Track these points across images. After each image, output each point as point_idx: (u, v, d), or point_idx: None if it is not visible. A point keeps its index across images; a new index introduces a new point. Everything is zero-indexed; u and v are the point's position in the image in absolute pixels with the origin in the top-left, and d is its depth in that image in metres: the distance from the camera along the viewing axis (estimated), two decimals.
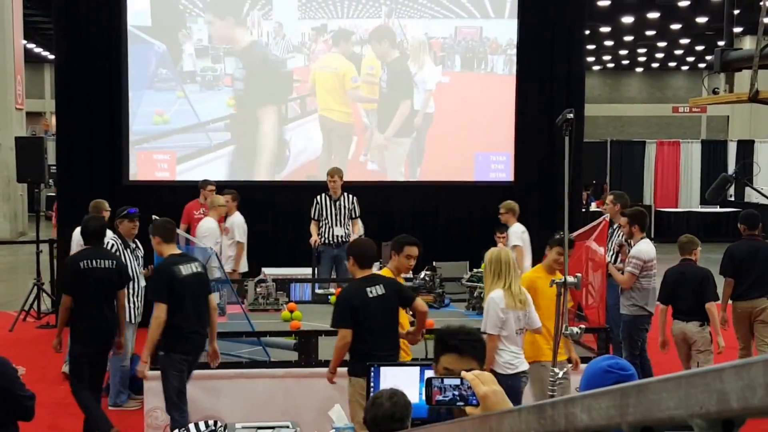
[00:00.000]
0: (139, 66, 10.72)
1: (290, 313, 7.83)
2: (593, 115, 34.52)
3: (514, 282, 5.47)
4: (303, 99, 11.23)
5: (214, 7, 10.92)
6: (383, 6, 11.25)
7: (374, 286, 5.36)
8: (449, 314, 8.25)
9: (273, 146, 11.16)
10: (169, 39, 10.80)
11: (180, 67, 10.86)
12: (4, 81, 19.69)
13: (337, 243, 9.62)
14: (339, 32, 11.15)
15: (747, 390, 0.97)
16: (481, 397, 1.96)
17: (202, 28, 10.90)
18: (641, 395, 1.16)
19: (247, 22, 10.98)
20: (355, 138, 11.30)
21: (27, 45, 28.05)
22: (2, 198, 19.65)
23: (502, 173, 11.56)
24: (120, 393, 7.30)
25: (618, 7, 24.91)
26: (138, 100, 10.73)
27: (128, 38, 10.67)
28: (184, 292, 5.80)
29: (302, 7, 11.07)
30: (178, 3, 10.80)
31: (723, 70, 6.01)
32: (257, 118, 11.09)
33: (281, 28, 11.04)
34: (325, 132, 11.24)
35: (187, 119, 10.84)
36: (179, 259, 5.95)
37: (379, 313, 5.32)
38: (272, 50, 11.06)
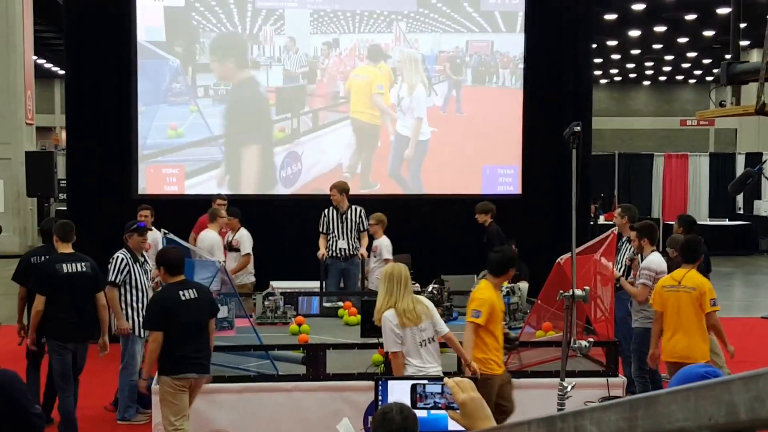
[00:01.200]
0: (153, 80, 10.82)
1: (298, 326, 7.82)
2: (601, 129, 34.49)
3: (401, 300, 5.34)
4: (315, 113, 11.32)
5: (225, 23, 11.00)
6: (394, 21, 11.31)
7: (187, 290, 5.73)
8: (457, 327, 8.21)
9: (284, 160, 11.21)
10: (182, 54, 10.91)
11: (193, 81, 10.94)
12: (14, 96, 19.81)
13: (344, 256, 9.62)
14: (355, 46, 11.27)
15: (755, 401, 0.97)
16: (460, 404, 2.07)
17: (214, 43, 11.00)
18: (650, 407, 1.16)
19: (260, 37, 11.07)
20: (374, 149, 11.43)
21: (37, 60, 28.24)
22: (12, 212, 19.73)
23: (510, 186, 11.57)
24: (128, 407, 7.31)
25: (625, 20, 24.94)
26: (152, 113, 10.82)
27: (143, 53, 10.76)
28: (62, 287, 6.57)
29: (314, 22, 11.15)
30: (191, 18, 10.89)
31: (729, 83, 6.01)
32: (269, 132, 11.14)
33: (293, 42, 11.12)
34: (347, 140, 11.35)
35: (200, 133, 10.92)
36: (66, 258, 6.69)
37: (190, 316, 5.67)
38: (285, 65, 11.13)
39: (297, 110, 11.21)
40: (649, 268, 7.21)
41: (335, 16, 11.21)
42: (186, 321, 5.64)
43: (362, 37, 11.27)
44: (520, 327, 7.55)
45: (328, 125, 11.30)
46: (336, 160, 11.33)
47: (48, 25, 25.92)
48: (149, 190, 10.92)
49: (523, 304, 8.36)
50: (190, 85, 10.95)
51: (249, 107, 11.17)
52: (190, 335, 5.67)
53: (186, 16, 10.91)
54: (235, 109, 11.07)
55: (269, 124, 11.19)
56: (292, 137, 11.22)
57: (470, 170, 11.49)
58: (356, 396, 6.06)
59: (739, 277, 19.11)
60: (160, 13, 10.80)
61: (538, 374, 6.45)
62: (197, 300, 5.72)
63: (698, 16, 24.24)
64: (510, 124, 11.49)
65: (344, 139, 11.36)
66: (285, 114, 11.18)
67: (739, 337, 11.54)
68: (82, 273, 6.71)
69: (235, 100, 11.07)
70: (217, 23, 10.97)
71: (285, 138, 11.20)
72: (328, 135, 11.29)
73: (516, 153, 11.52)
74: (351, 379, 6.24)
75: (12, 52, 19.73)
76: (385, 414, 3.29)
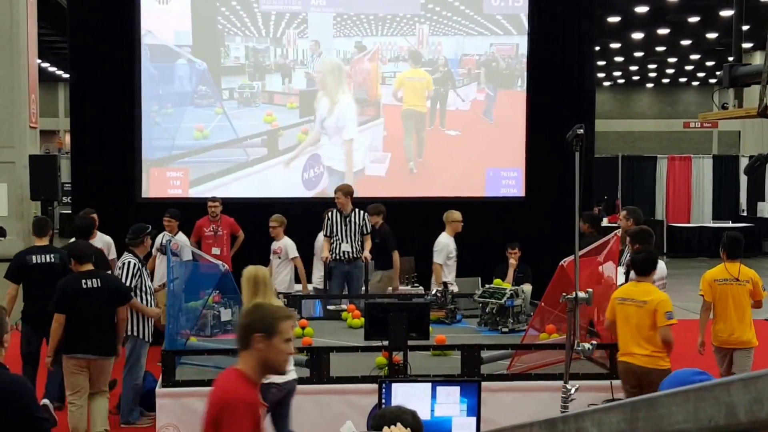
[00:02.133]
0: (181, 83, 10.98)
1: (302, 329, 7.82)
2: (604, 131, 34.47)
3: (265, 299, 5.47)
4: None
5: (250, 26, 11.11)
6: (417, 23, 11.38)
7: (90, 279, 6.48)
8: (461, 330, 8.23)
9: (307, 162, 11.28)
10: (208, 57, 11.03)
11: (219, 84, 11.06)
12: (18, 100, 19.79)
13: (348, 259, 9.63)
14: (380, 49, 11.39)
15: (755, 403, 0.98)
16: None
17: (239, 46, 11.11)
18: (651, 409, 1.17)
19: (283, 40, 11.16)
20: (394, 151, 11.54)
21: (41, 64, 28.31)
22: (16, 216, 19.70)
23: (514, 189, 11.58)
24: (132, 411, 7.31)
25: (628, 23, 24.93)
26: (180, 115, 10.96)
27: (171, 56, 10.94)
28: (30, 277, 7.43)
29: (337, 26, 11.23)
30: (216, 23, 11.01)
31: (732, 85, 6.02)
32: (293, 134, 11.23)
33: (317, 46, 11.20)
34: (369, 143, 11.47)
35: (226, 135, 11.03)
36: (36, 250, 7.66)
37: (89, 302, 6.44)
38: (308, 68, 11.22)
39: (321, 113, 11.29)
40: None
41: (358, 19, 11.29)
42: (85, 306, 6.43)
43: (385, 40, 11.34)
44: (524, 329, 7.55)
45: (346, 128, 11.37)
46: (358, 164, 11.40)
47: (52, 29, 25.98)
48: (153, 194, 10.95)
49: (526, 306, 8.37)
50: (215, 87, 11.07)
51: (272, 110, 11.24)
52: (89, 320, 6.42)
53: (212, 20, 11.03)
54: (258, 111, 11.17)
55: (293, 127, 11.26)
56: (314, 140, 11.27)
57: (474, 173, 11.50)
58: (360, 399, 6.07)
59: None
60: (188, 18, 10.95)
61: (541, 377, 6.46)
62: (99, 288, 6.47)
63: (701, 18, 24.24)
64: (513, 126, 11.50)
65: (367, 141, 11.43)
66: (308, 116, 11.26)
67: None
68: (51, 264, 7.47)
69: (259, 102, 11.18)
70: (241, 27, 11.10)
71: (308, 141, 11.26)
72: (351, 138, 11.37)
73: (519, 156, 11.53)
74: (354, 382, 6.25)
75: (16, 55, 19.72)
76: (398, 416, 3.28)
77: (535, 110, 11.44)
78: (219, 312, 7.97)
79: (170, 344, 6.66)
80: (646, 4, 22.72)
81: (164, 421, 6.22)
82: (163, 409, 6.22)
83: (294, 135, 11.23)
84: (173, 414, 6.18)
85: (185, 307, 7.39)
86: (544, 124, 11.31)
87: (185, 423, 6.13)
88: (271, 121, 11.15)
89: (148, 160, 10.94)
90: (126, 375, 7.28)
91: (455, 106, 11.53)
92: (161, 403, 6.22)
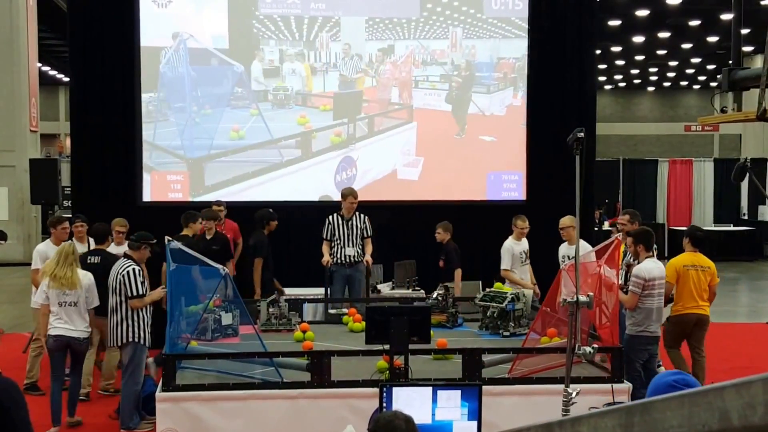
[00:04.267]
0: (218, 85, 11.12)
1: (303, 333, 7.82)
2: (605, 134, 34.50)
3: (61, 269, 7.33)
4: (371, 119, 11.46)
5: (284, 30, 11.23)
6: (450, 26, 11.44)
7: (94, 256, 7.50)
8: (462, 334, 8.24)
9: (340, 164, 11.37)
10: (244, 60, 11.16)
11: (254, 86, 11.19)
12: (19, 103, 19.88)
13: (349, 263, 9.64)
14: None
15: (747, 408, 0.98)
16: None
17: (273, 49, 11.23)
18: (646, 414, 1.17)
19: (316, 43, 11.26)
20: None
21: (42, 68, 28.35)
22: (16, 219, 19.77)
23: (515, 192, 11.59)
24: (132, 416, 7.31)
25: (629, 26, 24.97)
26: (218, 116, 11.09)
27: (210, 59, 11.07)
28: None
29: (369, 29, 11.31)
30: (251, 27, 11.13)
31: (731, 89, 6.03)
32: (326, 137, 11.32)
33: (350, 49, 11.28)
34: (401, 146, 11.59)
35: (261, 136, 11.15)
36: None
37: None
38: (341, 70, 11.30)
39: (353, 115, 11.38)
40: (638, 276, 7.21)
41: (390, 22, 11.35)
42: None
43: (418, 43, 11.39)
44: (525, 333, 7.55)
45: (383, 131, 11.46)
46: (390, 166, 11.44)
47: (53, 33, 26.04)
48: (154, 198, 10.97)
49: (527, 310, 8.36)
50: (250, 89, 11.20)
51: (305, 112, 11.33)
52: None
53: (248, 24, 11.16)
54: (292, 113, 11.28)
55: (326, 129, 11.34)
56: (347, 142, 11.36)
57: (475, 177, 11.51)
58: (361, 403, 6.04)
59: (744, 282, 19.10)
60: (225, 22, 11.10)
61: (542, 380, 6.45)
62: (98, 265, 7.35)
63: (702, 22, 24.27)
64: (514, 130, 11.52)
65: (398, 145, 11.50)
66: (341, 119, 11.35)
67: (743, 343, 11.55)
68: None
69: (292, 104, 11.29)
70: (275, 30, 11.21)
71: (341, 143, 11.34)
72: (383, 141, 11.44)
73: (521, 159, 11.54)
74: (356, 386, 6.23)
75: (16, 59, 19.82)
76: (390, 422, 3.29)
77: (536, 114, 11.44)
78: (220, 316, 7.98)
79: (171, 348, 6.66)
80: (646, 8, 22.75)
81: (164, 425, 6.22)
82: (164, 414, 6.21)
83: (327, 137, 11.34)
84: (173, 418, 6.17)
85: (186, 311, 7.40)
86: (545, 128, 11.31)
87: (185, 427, 6.14)
88: (304, 123, 11.29)
89: (189, 158, 11.06)
90: (127, 380, 7.29)
91: (490, 111, 11.60)
92: (161, 408, 6.21)
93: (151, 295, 7.51)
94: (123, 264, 7.33)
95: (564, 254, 8.95)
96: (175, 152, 11.00)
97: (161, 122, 10.96)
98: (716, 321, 13.11)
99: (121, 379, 7.38)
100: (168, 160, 11.03)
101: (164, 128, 10.97)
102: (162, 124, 10.97)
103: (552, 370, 6.55)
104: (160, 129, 10.97)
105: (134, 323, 7.25)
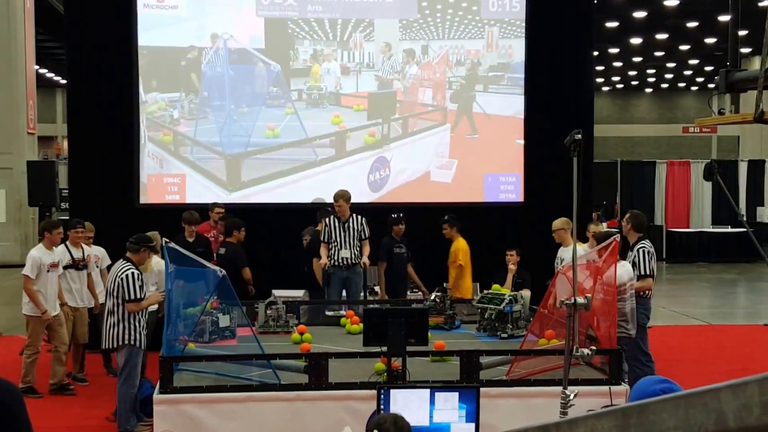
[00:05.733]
0: (255, 83, 11.25)
1: (300, 335, 7.83)
2: (603, 136, 34.57)
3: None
4: (405, 120, 11.51)
5: (317, 30, 11.31)
6: (486, 26, 11.48)
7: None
8: (460, 336, 8.25)
9: (373, 164, 11.42)
10: (280, 60, 11.26)
11: (289, 85, 11.29)
12: (16, 106, 19.89)
13: (346, 265, 9.64)
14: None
15: (743, 409, 0.99)
16: None
17: (307, 49, 11.33)
18: (642, 415, 1.17)
19: (350, 44, 11.32)
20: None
21: (39, 70, 28.35)
22: (14, 221, 19.78)
23: (512, 194, 11.60)
24: (129, 418, 7.31)
25: (627, 28, 25.02)
26: (255, 115, 11.20)
27: (247, 59, 11.18)
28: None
29: (403, 29, 11.37)
30: (287, 27, 11.23)
31: (728, 90, 6.04)
32: (359, 136, 11.39)
33: (389, 48, 11.37)
34: (435, 148, 11.60)
35: (296, 134, 11.24)
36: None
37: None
38: (375, 71, 11.39)
39: (387, 116, 11.43)
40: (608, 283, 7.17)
41: (425, 22, 11.40)
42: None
43: (452, 43, 11.44)
44: (523, 335, 7.56)
45: (417, 132, 11.51)
46: (424, 168, 11.48)
47: (50, 36, 26.07)
48: (151, 200, 10.99)
49: (525, 312, 8.37)
50: (286, 88, 11.30)
51: (339, 111, 11.38)
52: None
53: (283, 24, 11.25)
54: (326, 113, 11.35)
55: (360, 129, 11.40)
56: (381, 142, 11.41)
57: (472, 179, 11.52)
58: (358, 405, 6.06)
59: (742, 284, 19.13)
60: (261, 24, 11.20)
61: (540, 382, 6.45)
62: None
63: (700, 23, 24.33)
64: (512, 132, 11.53)
65: (432, 147, 11.53)
66: (376, 119, 11.41)
67: (741, 344, 11.56)
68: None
69: (326, 104, 11.36)
70: (309, 31, 11.30)
71: (375, 143, 11.40)
72: (416, 142, 11.49)
73: (518, 161, 11.55)
74: (353, 388, 6.24)
75: (13, 61, 19.83)
76: (380, 425, 3.30)
77: (534, 115, 11.45)
78: (217, 318, 7.98)
79: (168, 350, 6.66)
80: (644, 9, 22.79)
81: (162, 427, 6.21)
82: (161, 416, 6.20)
83: (361, 137, 11.41)
84: (171, 420, 6.17)
85: (183, 314, 7.39)
86: (543, 130, 11.31)
87: (183, 429, 6.13)
88: (338, 122, 11.36)
89: (227, 155, 11.14)
90: (123, 383, 7.28)
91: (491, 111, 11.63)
92: (159, 410, 6.20)
93: (149, 299, 7.53)
94: (122, 267, 7.33)
95: (559, 256, 8.94)
96: (214, 148, 11.14)
97: (201, 120, 11.12)
98: (715, 323, 13.19)
99: (117, 381, 7.37)
100: (207, 155, 11.14)
101: (204, 125, 11.14)
102: (202, 121, 11.13)
103: (550, 372, 6.56)
104: (201, 126, 11.14)
105: (130, 326, 7.26)
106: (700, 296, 16.73)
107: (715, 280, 18.95)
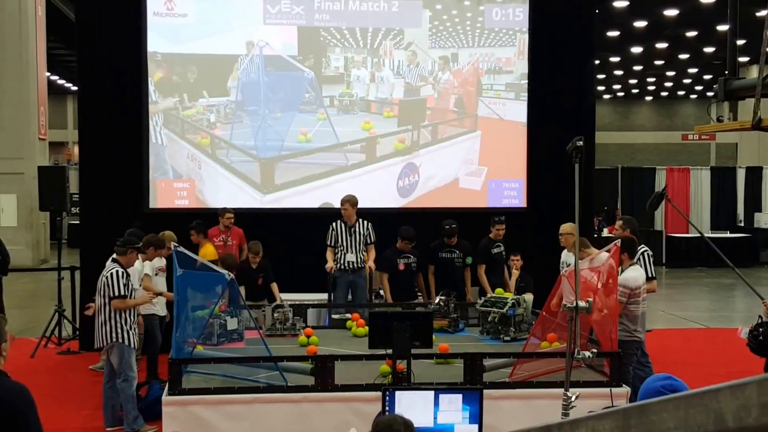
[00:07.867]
0: (289, 89, 11.38)
1: (307, 338, 7.90)
2: (604, 143, 34.57)
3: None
4: (435, 126, 11.60)
5: (348, 38, 11.42)
6: (517, 34, 11.58)
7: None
8: (464, 339, 8.32)
9: (403, 170, 11.54)
10: (312, 66, 11.40)
11: (321, 91, 11.41)
12: (27, 112, 19.98)
13: (352, 269, 9.73)
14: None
15: (742, 410, 1.05)
16: None
17: (338, 56, 11.44)
18: (643, 416, 1.24)
19: (380, 51, 11.43)
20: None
21: (50, 77, 28.43)
22: (25, 226, 19.86)
23: (515, 200, 11.69)
24: (136, 417, 7.36)
25: (627, 37, 25.07)
26: (288, 120, 11.34)
27: (282, 65, 11.29)
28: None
29: (432, 37, 11.48)
30: (318, 35, 11.36)
31: (727, 98, 6.11)
32: (389, 142, 11.49)
33: (414, 56, 11.47)
34: (464, 155, 11.72)
35: (328, 140, 11.37)
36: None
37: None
38: (405, 78, 11.50)
39: (417, 123, 11.52)
40: (624, 285, 7.25)
41: (454, 30, 11.50)
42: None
43: (482, 51, 11.55)
44: (525, 338, 7.63)
45: (446, 139, 11.59)
46: (453, 174, 11.57)
47: (61, 43, 26.11)
48: (160, 204, 11.06)
49: (528, 315, 8.46)
50: (319, 95, 11.42)
51: (370, 117, 11.50)
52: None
53: (315, 32, 11.37)
54: (357, 119, 11.47)
55: (390, 135, 11.50)
56: (411, 149, 11.51)
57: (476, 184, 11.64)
58: (364, 407, 6.09)
59: (741, 288, 19.15)
60: (294, 32, 11.33)
61: (542, 385, 6.51)
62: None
63: (699, 32, 24.37)
64: (515, 139, 11.63)
65: (461, 153, 11.63)
66: (406, 126, 11.50)
67: (740, 347, 11.62)
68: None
69: (357, 110, 11.48)
70: (341, 38, 11.41)
71: (404, 149, 11.50)
72: (446, 149, 11.58)
73: (521, 168, 11.64)
74: (359, 390, 6.28)
75: (25, 68, 19.91)
76: (390, 426, 3.36)
77: (536, 122, 11.55)
78: (225, 321, 8.06)
79: (177, 353, 6.74)
80: (645, 19, 22.85)
81: (171, 428, 6.27)
82: (170, 417, 6.26)
83: (391, 143, 11.50)
84: (179, 421, 6.21)
85: (192, 317, 7.48)
86: (545, 136, 11.40)
87: (191, 430, 6.15)
88: (369, 128, 11.47)
89: (261, 158, 11.24)
90: (121, 383, 7.36)
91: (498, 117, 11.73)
92: (167, 411, 6.23)
93: (136, 300, 7.63)
94: (108, 268, 7.45)
95: (563, 260, 9.04)
96: (249, 152, 11.25)
97: (237, 123, 11.25)
98: (714, 326, 13.27)
99: (116, 382, 7.43)
100: (242, 158, 11.25)
101: (239, 129, 11.27)
102: (238, 125, 11.26)
103: (552, 374, 6.64)
104: (236, 130, 11.27)
105: (117, 324, 7.33)
106: (699, 300, 16.78)
107: (714, 285, 18.99)
